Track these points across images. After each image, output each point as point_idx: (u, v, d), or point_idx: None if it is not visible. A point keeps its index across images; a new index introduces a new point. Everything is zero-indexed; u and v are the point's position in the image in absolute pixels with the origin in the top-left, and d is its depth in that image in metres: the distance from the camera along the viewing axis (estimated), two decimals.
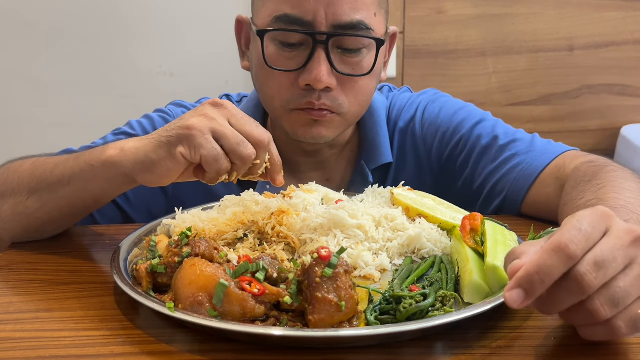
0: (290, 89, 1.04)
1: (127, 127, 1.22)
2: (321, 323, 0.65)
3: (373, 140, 1.20)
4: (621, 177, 0.91)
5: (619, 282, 0.57)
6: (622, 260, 0.57)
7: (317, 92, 1.03)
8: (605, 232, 0.58)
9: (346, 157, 1.24)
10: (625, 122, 2.52)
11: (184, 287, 0.67)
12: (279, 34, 1.02)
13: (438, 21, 2.35)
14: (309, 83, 1.01)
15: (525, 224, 1.02)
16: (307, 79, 1.01)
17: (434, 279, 0.78)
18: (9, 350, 0.65)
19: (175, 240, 0.77)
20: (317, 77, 1.00)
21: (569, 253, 0.55)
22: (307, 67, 1.01)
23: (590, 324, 0.59)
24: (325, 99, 1.04)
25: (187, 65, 2.38)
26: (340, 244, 0.87)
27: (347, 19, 1.00)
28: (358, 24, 1.00)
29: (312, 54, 1.01)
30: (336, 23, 1.00)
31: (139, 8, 2.32)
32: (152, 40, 2.36)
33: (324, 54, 1.00)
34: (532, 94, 2.49)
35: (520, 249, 0.61)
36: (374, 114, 1.22)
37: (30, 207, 0.92)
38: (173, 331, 0.68)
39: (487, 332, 0.69)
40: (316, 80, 1.00)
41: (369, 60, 1.05)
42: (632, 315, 0.57)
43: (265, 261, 0.71)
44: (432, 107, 1.23)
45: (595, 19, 2.42)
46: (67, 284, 0.82)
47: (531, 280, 0.55)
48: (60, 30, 2.31)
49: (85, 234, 1.04)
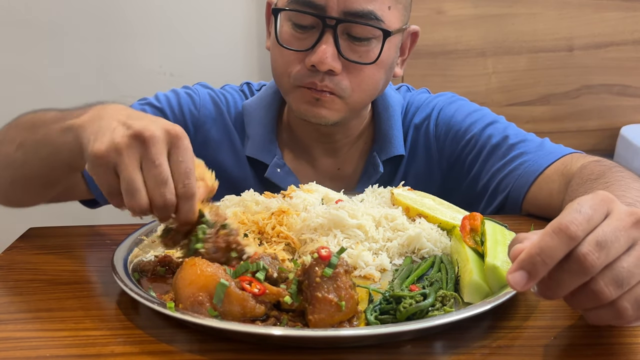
0: (297, 67, 1.08)
1: (153, 98, 1.26)
2: (321, 323, 0.65)
3: (386, 133, 1.24)
4: (628, 177, 0.91)
5: (623, 263, 0.56)
6: (625, 241, 0.57)
7: (321, 74, 1.07)
8: (606, 215, 0.58)
9: (360, 148, 1.28)
10: (624, 122, 2.52)
11: (184, 286, 0.67)
12: (292, 15, 1.06)
13: (438, 21, 2.35)
14: (314, 64, 1.05)
15: (525, 223, 1.02)
16: (312, 60, 1.05)
17: (434, 279, 0.78)
18: (9, 350, 0.65)
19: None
20: (322, 58, 1.03)
21: (570, 234, 0.55)
22: (314, 49, 1.05)
23: (595, 306, 0.58)
24: (329, 81, 1.07)
25: (187, 65, 2.38)
26: (340, 244, 0.87)
27: (357, 7, 1.03)
28: (368, 14, 1.03)
29: (320, 36, 1.04)
30: (347, 10, 1.03)
31: (139, 8, 2.32)
32: (152, 40, 2.36)
33: (332, 38, 1.04)
34: (532, 94, 2.49)
35: (522, 235, 0.61)
36: (388, 108, 1.25)
37: (17, 160, 0.95)
38: (173, 331, 0.68)
39: (487, 332, 0.69)
40: (320, 62, 1.04)
41: (377, 50, 1.08)
42: (638, 295, 0.57)
43: (265, 261, 0.71)
44: (448, 109, 1.26)
45: (595, 19, 2.42)
46: (68, 283, 0.82)
47: (533, 262, 0.55)
48: (60, 30, 2.30)
49: (85, 234, 1.04)
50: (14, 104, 2.39)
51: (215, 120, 1.26)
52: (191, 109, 1.25)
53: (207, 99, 1.27)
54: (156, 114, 1.21)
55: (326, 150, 1.26)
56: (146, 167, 0.72)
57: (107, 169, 0.72)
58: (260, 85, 1.34)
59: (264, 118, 1.24)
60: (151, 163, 0.71)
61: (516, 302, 0.75)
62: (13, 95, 2.34)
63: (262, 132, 1.23)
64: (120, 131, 0.73)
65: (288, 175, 1.21)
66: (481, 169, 1.18)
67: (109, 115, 0.78)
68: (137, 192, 0.71)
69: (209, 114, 1.26)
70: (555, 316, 0.73)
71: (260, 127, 1.24)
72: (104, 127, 0.75)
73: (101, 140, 0.73)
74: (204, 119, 1.25)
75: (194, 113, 1.25)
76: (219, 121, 1.26)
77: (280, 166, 1.22)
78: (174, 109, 1.24)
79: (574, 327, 0.70)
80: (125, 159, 0.71)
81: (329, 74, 1.06)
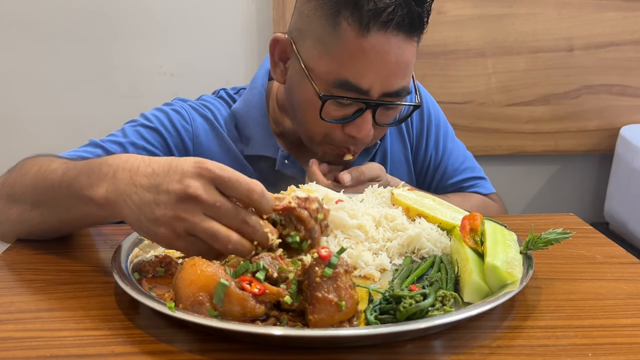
0: (335, 131, 1.15)
1: (142, 118, 1.24)
2: (321, 323, 0.65)
3: None
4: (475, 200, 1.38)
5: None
6: None
7: (358, 142, 1.16)
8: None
9: None
10: (624, 122, 2.53)
11: (184, 286, 0.67)
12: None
13: (438, 21, 2.35)
14: (354, 135, 1.13)
15: (525, 223, 1.02)
16: (353, 132, 1.13)
17: (434, 279, 0.78)
18: (9, 350, 0.65)
19: None
20: (365, 133, 1.13)
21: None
22: (355, 122, 1.12)
23: None
24: (361, 144, 1.18)
25: (187, 65, 2.39)
26: (340, 244, 0.88)
27: (396, 87, 1.10)
28: (402, 90, 1.11)
29: (361, 112, 1.11)
30: (386, 91, 1.09)
31: (139, 8, 2.33)
32: (152, 40, 2.36)
33: (371, 114, 1.12)
34: (532, 94, 2.49)
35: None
36: None
37: (34, 219, 0.92)
38: (173, 331, 0.68)
39: (487, 332, 0.69)
40: (364, 136, 1.13)
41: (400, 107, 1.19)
42: None
43: (265, 261, 0.71)
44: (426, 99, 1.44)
45: (595, 19, 2.42)
46: (68, 283, 0.82)
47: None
48: (60, 30, 2.31)
49: (85, 234, 1.04)
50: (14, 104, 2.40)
51: (207, 131, 1.26)
52: (184, 125, 1.24)
53: (193, 112, 1.27)
54: (152, 134, 1.21)
55: None
56: (213, 214, 0.71)
57: (182, 240, 0.72)
58: (236, 90, 1.37)
59: (258, 118, 1.27)
60: (214, 209, 0.70)
61: (516, 302, 0.76)
62: (13, 95, 2.34)
63: (260, 130, 1.26)
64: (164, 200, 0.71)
65: (294, 164, 1.26)
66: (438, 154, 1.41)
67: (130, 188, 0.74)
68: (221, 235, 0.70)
69: (200, 126, 1.26)
70: (556, 316, 0.73)
71: (257, 126, 1.26)
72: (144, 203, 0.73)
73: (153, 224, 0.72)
74: (197, 132, 1.25)
75: (187, 128, 1.24)
76: (210, 131, 1.26)
77: (286, 157, 1.26)
78: (168, 127, 1.23)
79: (574, 327, 0.70)
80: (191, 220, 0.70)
81: None
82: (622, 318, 0.73)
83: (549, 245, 0.80)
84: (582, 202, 2.72)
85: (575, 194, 2.72)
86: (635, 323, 0.71)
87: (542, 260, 0.89)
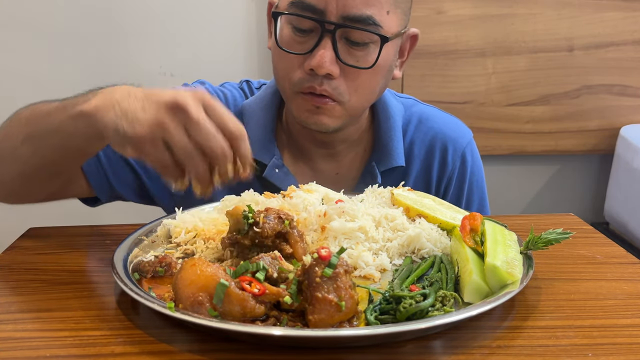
0: (297, 71, 1.08)
1: None
2: (321, 323, 0.65)
3: (387, 144, 1.23)
4: None
5: None
6: None
7: (319, 78, 1.07)
8: None
9: (359, 154, 1.27)
10: (624, 122, 2.53)
11: (184, 287, 0.67)
12: (292, 18, 1.06)
13: (437, 21, 2.36)
14: (312, 67, 1.05)
15: (525, 224, 1.02)
16: (311, 64, 1.05)
17: (434, 279, 0.78)
18: (9, 350, 0.65)
19: None
20: (320, 62, 1.04)
21: None
22: (313, 53, 1.05)
23: None
24: (327, 85, 1.07)
25: (187, 65, 2.39)
26: (340, 244, 0.87)
27: (356, 12, 1.03)
28: (367, 19, 1.03)
29: (319, 40, 1.05)
30: (345, 14, 1.03)
31: (140, 8, 2.33)
32: (152, 40, 2.36)
33: (330, 43, 1.04)
34: (532, 94, 2.50)
35: None
36: (389, 119, 1.25)
37: (24, 154, 0.95)
38: (173, 331, 0.68)
39: (487, 332, 0.69)
40: (318, 66, 1.04)
41: (374, 55, 1.08)
42: None
43: (265, 261, 0.71)
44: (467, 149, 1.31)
45: (595, 19, 2.42)
46: (68, 283, 0.82)
47: None
48: (60, 30, 2.31)
49: (85, 234, 1.04)
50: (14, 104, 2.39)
51: None
52: None
53: None
54: None
55: (324, 154, 1.25)
56: (193, 129, 0.75)
57: (155, 146, 0.75)
58: (260, 84, 1.34)
59: (263, 119, 1.23)
60: (196, 124, 0.75)
61: (516, 302, 0.76)
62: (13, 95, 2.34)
63: (261, 133, 1.22)
64: (153, 107, 0.75)
65: (286, 176, 1.21)
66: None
67: (124, 97, 0.79)
68: (196, 155, 0.75)
69: None
70: (556, 316, 0.73)
71: (259, 127, 1.23)
72: (130, 109, 0.77)
73: (137, 121, 0.75)
74: None
75: None
76: None
77: (279, 167, 1.21)
78: None
79: (574, 327, 0.70)
80: (172, 130, 0.74)
81: (327, 77, 1.06)
82: (622, 318, 0.73)
83: (549, 245, 0.80)
84: (582, 202, 2.72)
85: (575, 194, 2.72)
86: (635, 323, 0.71)
87: (542, 260, 0.89)
